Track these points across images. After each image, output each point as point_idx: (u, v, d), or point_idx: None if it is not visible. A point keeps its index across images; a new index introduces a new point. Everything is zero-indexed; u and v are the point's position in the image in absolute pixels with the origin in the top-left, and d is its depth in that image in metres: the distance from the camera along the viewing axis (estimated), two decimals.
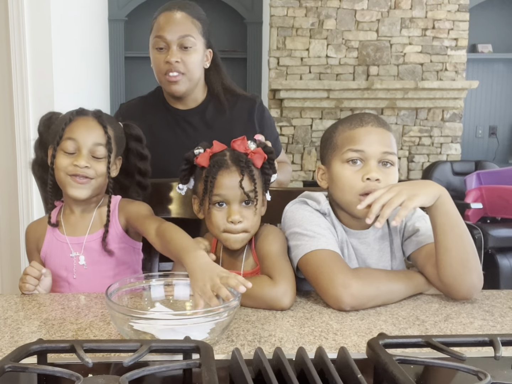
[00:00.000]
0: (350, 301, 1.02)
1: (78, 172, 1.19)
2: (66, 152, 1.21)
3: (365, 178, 1.10)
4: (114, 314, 0.83)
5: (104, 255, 1.25)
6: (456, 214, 1.08)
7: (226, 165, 1.12)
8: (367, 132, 1.12)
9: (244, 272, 1.16)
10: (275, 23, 4.00)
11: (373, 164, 1.11)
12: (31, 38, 2.39)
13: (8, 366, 0.60)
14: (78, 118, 1.23)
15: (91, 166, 1.20)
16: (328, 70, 4.05)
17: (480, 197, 3.54)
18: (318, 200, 1.19)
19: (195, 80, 1.56)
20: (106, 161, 1.23)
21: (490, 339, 0.70)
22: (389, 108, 4.06)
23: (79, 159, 1.19)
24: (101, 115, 1.25)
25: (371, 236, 1.19)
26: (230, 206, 1.12)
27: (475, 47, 4.66)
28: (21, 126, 2.40)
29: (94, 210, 1.29)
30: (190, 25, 1.53)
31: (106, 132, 1.22)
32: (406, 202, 1.02)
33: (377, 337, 0.71)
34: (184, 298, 1.00)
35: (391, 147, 1.13)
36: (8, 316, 1.00)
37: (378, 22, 4.04)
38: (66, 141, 1.20)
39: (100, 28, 4.10)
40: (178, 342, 0.69)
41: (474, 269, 1.07)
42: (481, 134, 4.83)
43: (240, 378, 0.62)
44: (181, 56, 1.50)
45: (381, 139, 1.12)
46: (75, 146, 1.20)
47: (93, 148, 1.21)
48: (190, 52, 1.52)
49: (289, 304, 1.04)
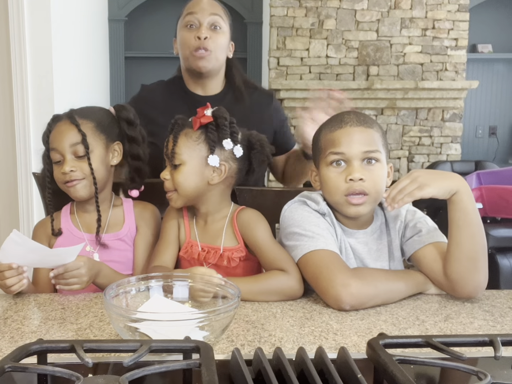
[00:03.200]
0: (349, 300, 1.02)
1: (67, 178, 1.22)
2: (55, 163, 1.25)
3: (348, 179, 1.11)
4: (111, 314, 0.83)
5: (118, 255, 1.26)
6: (474, 212, 1.08)
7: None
8: (346, 133, 1.14)
9: (224, 247, 1.20)
10: (275, 23, 4.00)
11: (355, 164, 1.12)
12: (31, 38, 2.39)
13: (8, 366, 0.60)
14: (55, 126, 1.25)
15: (76, 168, 1.22)
16: (328, 70, 4.05)
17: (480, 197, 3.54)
18: (317, 200, 1.19)
19: (220, 61, 1.60)
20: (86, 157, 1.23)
21: (490, 339, 0.70)
22: (389, 108, 4.06)
23: (63, 166, 1.22)
24: (73, 115, 1.25)
25: (369, 236, 1.20)
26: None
27: (475, 47, 4.66)
28: (21, 126, 2.40)
29: (109, 209, 1.31)
30: (220, 8, 1.60)
31: (79, 130, 1.23)
32: (414, 191, 1.05)
33: (377, 337, 0.71)
34: (183, 299, 1.00)
35: (372, 145, 1.13)
36: (8, 316, 0.99)
37: (378, 22, 4.04)
38: (51, 152, 1.25)
39: (100, 28, 4.10)
40: (178, 342, 0.69)
41: (482, 270, 1.08)
42: (481, 134, 4.83)
43: (240, 378, 0.62)
44: (211, 34, 1.54)
45: (361, 138, 1.13)
46: (59, 155, 1.23)
47: (72, 149, 1.23)
48: (218, 33, 1.56)
49: (302, 290, 1.13)
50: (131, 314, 0.82)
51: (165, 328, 0.81)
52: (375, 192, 1.13)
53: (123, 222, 1.31)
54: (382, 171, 1.14)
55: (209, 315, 0.81)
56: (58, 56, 2.52)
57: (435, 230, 1.18)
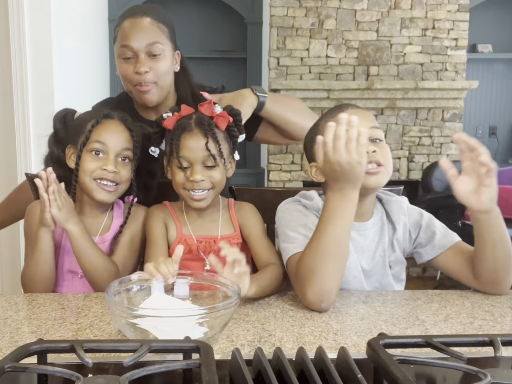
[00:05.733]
0: (319, 303, 1.01)
1: (105, 176, 1.20)
2: (93, 155, 1.21)
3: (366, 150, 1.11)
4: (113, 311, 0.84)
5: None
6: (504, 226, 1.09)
7: (189, 128, 1.19)
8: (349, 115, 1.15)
9: (222, 236, 1.25)
10: (275, 23, 3.99)
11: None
12: (31, 38, 2.38)
13: (8, 366, 0.60)
14: (105, 121, 1.23)
15: (118, 171, 1.21)
16: (328, 70, 4.05)
17: None
18: (311, 197, 1.21)
19: (167, 87, 1.48)
20: (131, 165, 1.24)
21: (490, 339, 0.70)
22: (389, 108, 4.06)
23: (108, 164, 1.19)
24: (127, 119, 1.26)
25: (370, 228, 1.21)
26: (193, 167, 1.19)
27: (475, 47, 4.66)
28: (21, 125, 2.40)
29: (107, 212, 1.30)
30: (157, 30, 1.42)
31: (133, 136, 1.23)
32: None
33: (377, 337, 0.71)
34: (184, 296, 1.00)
35: (375, 122, 1.16)
36: (8, 316, 0.99)
37: (378, 22, 4.04)
38: (94, 144, 1.20)
39: (100, 28, 4.10)
40: (178, 342, 0.69)
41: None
42: (481, 134, 4.83)
43: (240, 378, 0.62)
44: (150, 64, 1.41)
45: (363, 117, 1.14)
46: (103, 150, 1.21)
47: (120, 153, 1.22)
48: (159, 60, 1.42)
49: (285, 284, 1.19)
50: (133, 311, 0.83)
51: (166, 324, 0.82)
52: (388, 163, 1.14)
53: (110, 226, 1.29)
54: (388, 148, 1.16)
55: (209, 311, 0.82)
56: (58, 56, 2.52)
57: (446, 230, 1.21)
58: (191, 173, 1.18)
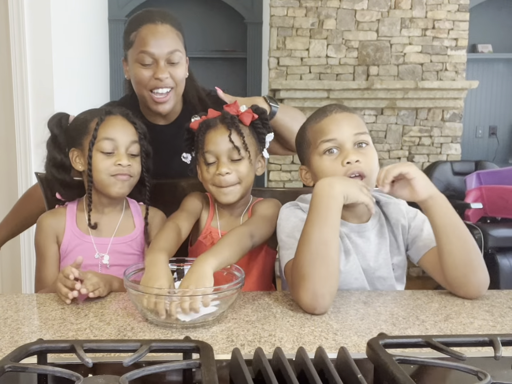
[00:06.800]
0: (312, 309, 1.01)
1: (120, 171, 1.21)
2: (104, 153, 1.21)
3: (345, 163, 1.11)
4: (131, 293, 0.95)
5: (127, 259, 1.25)
6: (455, 213, 1.08)
7: (213, 124, 1.22)
8: (333, 120, 1.15)
9: None
10: (275, 23, 3.99)
11: (349, 147, 1.13)
12: (31, 39, 2.39)
13: (8, 366, 0.60)
14: (109, 118, 1.24)
15: (131, 165, 1.22)
16: (328, 70, 4.05)
17: (480, 197, 3.54)
18: (308, 200, 1.20)
19: (181, 93, 1.51)
20: (140, 158, 1.26)
21: (490, 339, 0.70)
22: (389, 108, 4.06)
23: (122, 159, 1.20)
24: (128, 113, 1.27)
25: (370, 230, 1.20)
26: (219, 160, 1.21)
27: (475, 47, 4.66)
28: (21, 126, 2.40)
29: (121, 212, 1.30)
30: (176, 38, 1.45)
31: (137, 129, 1.25)
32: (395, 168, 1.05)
33: (377, 337, 0.71)
34: None
35: (360, 127, 1.15)
36: (8, 316, 0.99)
37: (378, 22, 4.04)
38: (103, 142, 1.20)
39: (100, 28, 4.10)
40: (178, 342, 0.69)
41: (480, 268, 1.08)
42: (481, 134, 4.83)
43: (240, 378, 0.62)
44: (169, 71, 1.43)
45: (348, 122, 1.14)
46: (113, 146, 1.21)
47: (129, 146, 1.23)
48: (177, 67, 1.44)
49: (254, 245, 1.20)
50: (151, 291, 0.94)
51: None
52: (371, 173, 1.13)
53: (133, 226, 1.30)
54: (373, 154, 1.15)
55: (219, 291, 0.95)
56: (58, 56, 2.52)
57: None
58: (217, 166, 1.21)
